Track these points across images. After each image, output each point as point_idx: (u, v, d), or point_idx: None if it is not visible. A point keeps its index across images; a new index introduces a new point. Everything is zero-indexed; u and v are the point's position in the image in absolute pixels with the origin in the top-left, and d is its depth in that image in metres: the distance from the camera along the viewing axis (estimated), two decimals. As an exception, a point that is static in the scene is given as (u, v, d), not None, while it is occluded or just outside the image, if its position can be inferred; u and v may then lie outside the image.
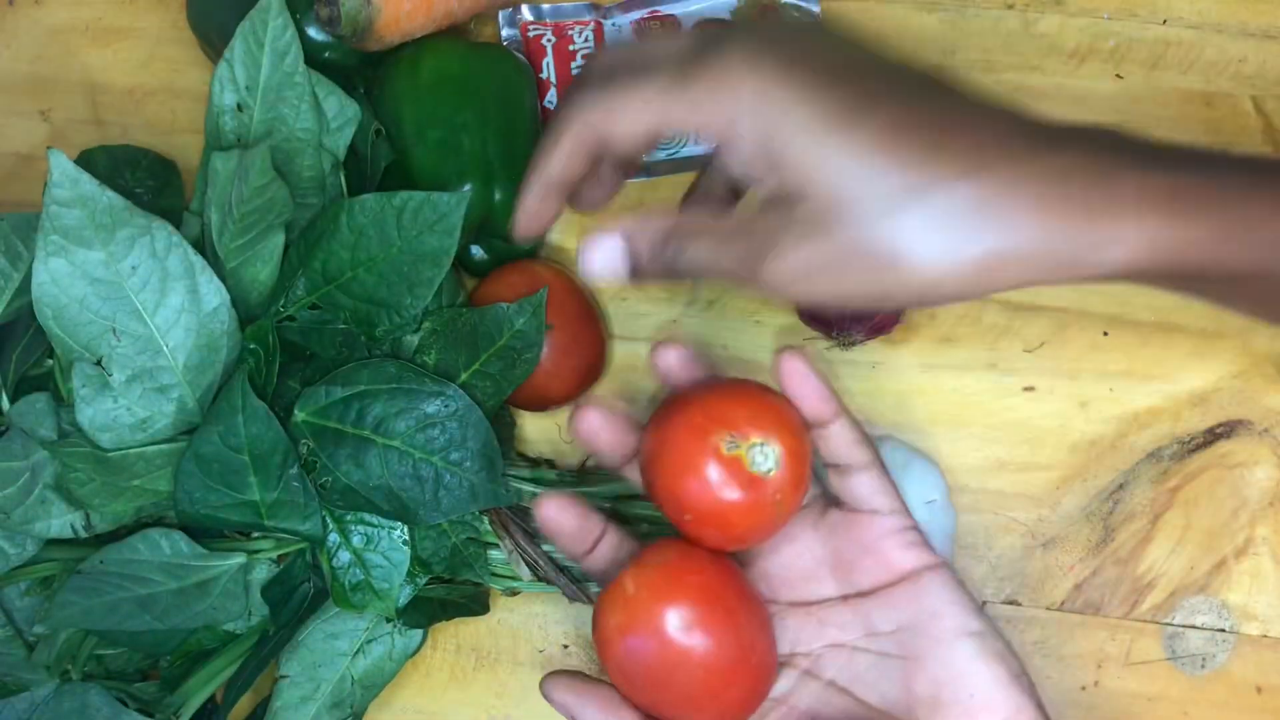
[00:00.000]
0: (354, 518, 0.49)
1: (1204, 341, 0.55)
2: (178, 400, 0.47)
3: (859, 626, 0.43)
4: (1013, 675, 0.40)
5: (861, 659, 0.42)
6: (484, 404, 0.49)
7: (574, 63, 0.57)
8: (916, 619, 0.42)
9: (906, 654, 0.42)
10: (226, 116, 0.49)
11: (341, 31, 0.51)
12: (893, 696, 0.42)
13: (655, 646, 0.40)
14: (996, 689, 0.40)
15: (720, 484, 0.39)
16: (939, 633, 0.41)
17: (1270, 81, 0.57)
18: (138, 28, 0.61)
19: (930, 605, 0.41)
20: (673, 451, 0.40)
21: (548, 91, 0.57)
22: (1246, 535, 0.53)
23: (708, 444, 0.39)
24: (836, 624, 0.43)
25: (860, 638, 0.43)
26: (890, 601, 0.42)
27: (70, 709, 0.49)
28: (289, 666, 0.51)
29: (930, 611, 0.41)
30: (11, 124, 0.61)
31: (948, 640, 0.41)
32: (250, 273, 0.49)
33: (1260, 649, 0.53)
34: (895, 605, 0.42)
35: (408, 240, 0.48)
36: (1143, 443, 0.54)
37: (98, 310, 0.45)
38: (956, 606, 0.41)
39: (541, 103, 0.57)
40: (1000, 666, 0.40)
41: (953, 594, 0.42)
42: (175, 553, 0.48)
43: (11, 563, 0.48)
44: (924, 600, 0.42)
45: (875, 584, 0.43)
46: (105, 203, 0.45)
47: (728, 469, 0.39)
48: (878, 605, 0.42)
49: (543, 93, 0.57)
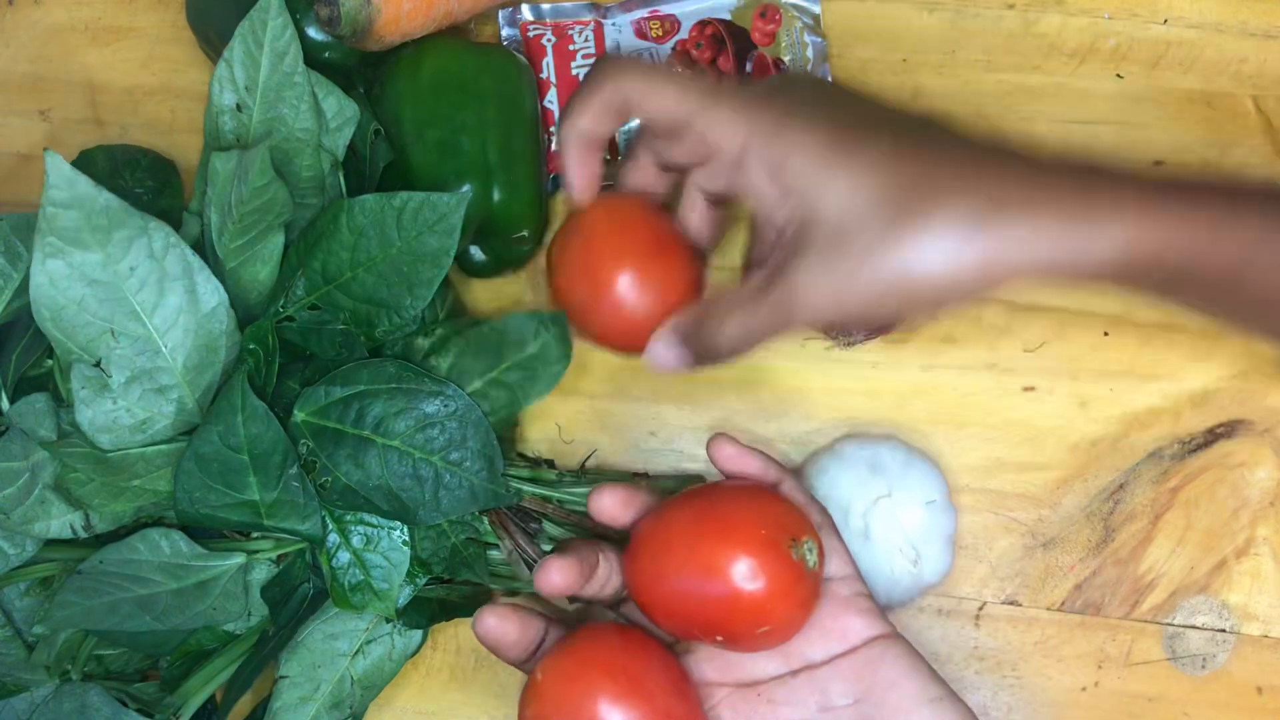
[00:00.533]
0: (354, 518, 0.49)
1: (1204, 341, 0.54)
2: (177, 401, 0.47)
3: (813, 702, 0.43)
4: None
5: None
6: (496, 412, 0.49)
7: (574, 62, 0.57)
8: (873, 689, 0.42)
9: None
10: (226, 117, 0.49)
11: (341, 31, 0.50)
12: None
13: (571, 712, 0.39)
14: None
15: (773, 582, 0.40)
16: (897, 702, 0.41)
17: (1270, 81, 0.57)
18: (137, 28, 0.61)
19: (887, 675, 0.42)
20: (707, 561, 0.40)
21: (548, 91, 0.57)
22: (1247, 535, 0.53)
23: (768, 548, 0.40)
24: (788, 701, 0.43)
25: (814, 713, 0.42)
26: (844, 673, 0.42)
27: (70, 709, 0.49)
28: (289, 667, 0.51)
29: (887, 681, 0.42)
30: (11, 124, 0.61)
31: (906, 709, 0.41)
32: (250, 273, 0.49)
33: (1261, 649, 0.53)
34: (850, 677, 0.42)
35: (408, 241, 0.48)
36: (1143, 443, 0.54)
37: (96, 311, 0.45)
38: (914, 674, 0.42)
39: (541, 103, 0.57)
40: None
41: (909, 661, 0.42)
42: (175, 553, 0.48)
43: (11, 563, 0.48)
44: (880, 670, 0.42)
45: (828, 655, 0.43)
46: (102, 204, 0.45)
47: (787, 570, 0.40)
48: (833, 677, 0.42)
49: (543, 93, 0.57)
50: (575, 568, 0.42)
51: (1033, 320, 0.55)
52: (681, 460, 0.56)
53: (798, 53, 0.57)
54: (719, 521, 0.41)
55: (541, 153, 0.56)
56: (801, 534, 0.41)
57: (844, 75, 0.58)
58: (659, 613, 0.42)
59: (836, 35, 0.58)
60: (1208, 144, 0.56)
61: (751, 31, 0.57)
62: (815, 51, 0.57)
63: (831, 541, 0.44)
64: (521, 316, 0.49)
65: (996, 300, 0.55)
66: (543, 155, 0.57)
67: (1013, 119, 0.57)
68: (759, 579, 0.39)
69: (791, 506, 0.42)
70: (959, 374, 0.55)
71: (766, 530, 0.40)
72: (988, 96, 0.57)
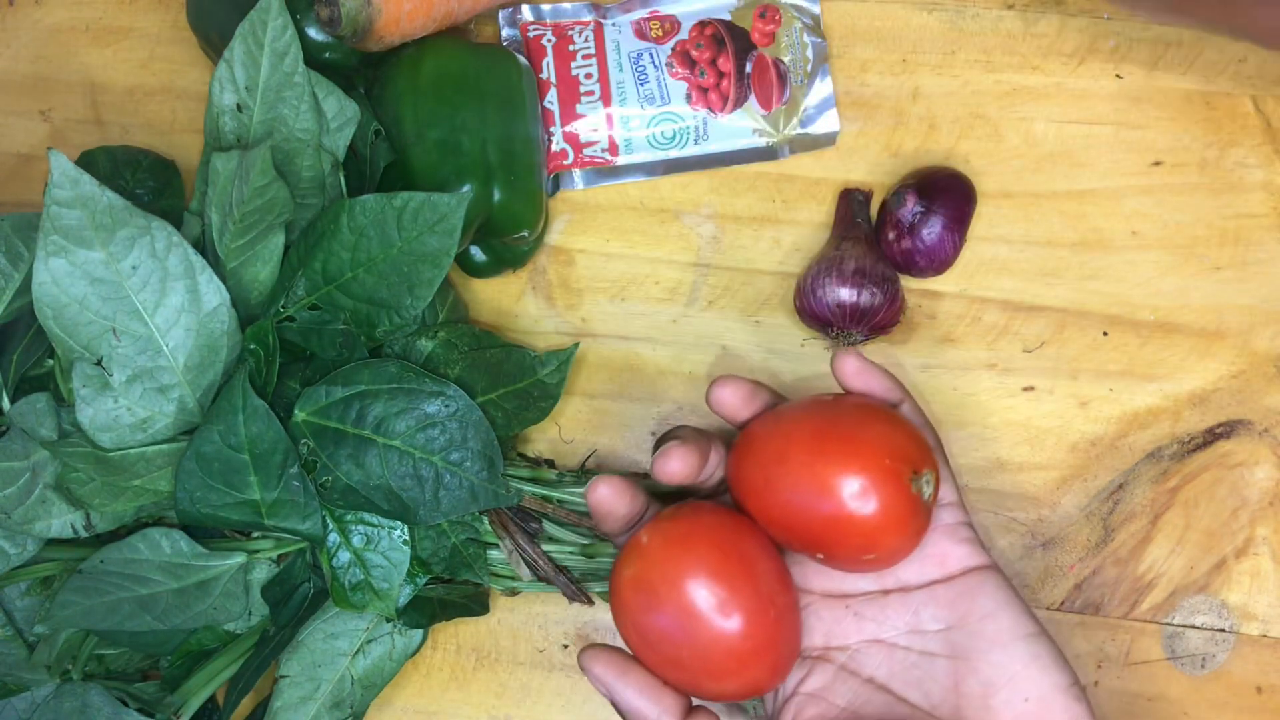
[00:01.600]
0: (354, 517, 0.49)
1: (1204, 341, 0.55)
2: (178, 400, 0.47)
3: (902, 623, 0.42)
4: (1069, 683, 0.39)
5: (903, 656, 0.41)
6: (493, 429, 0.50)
7: (574, 63, 0.57)
8: (967, 618, 0.41)
9: (955, 654, 0.41)
10: (226, 117, 0.49)
11: (342, 32, 0.51)
12: (937, 696, 0.41)
13: (669, 600, 0.39)
14: (1054, 694, 0.39)
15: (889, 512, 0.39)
16: (993, 634, 0.40)
17: (1270, 81, 0.57)
18: (138, 28, 0.61)
19: (983, 606, 0.41)
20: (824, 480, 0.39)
21: (548, 91, 0.57)
22: (1246, 535, 0.53)
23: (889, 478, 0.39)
24: (875, 619, 0.42)
25: (902, 634, 0.42)
26: (939, 599, 0.41)
27: (70, 709, 0.49)
28: (289, 666, 0.51)
29: (983, 612, 0.40)
30: (11, 124, 0.61)
31: (1002, 642, 0.40)
32: (250, 273, 0.49)
33: (1260, 649, 0.53)
34: (944, 604, 0.41)
35: (408, 241, 0.48)
36: (1143, 443, 0.54)
37: (98, 310, 0.45)
38: (1010, 607, 0.40)
39: (541, 103, 0.57)
40: (1057, 673, 0.39)
41: (1006, 594, 0.41)
42: (175, 552, 0.48)
43: (12, 563, 0.48)
44: (977, 600, 0.41)
45: (924, 580, 0.42)
46: (105, 203, 0.45)
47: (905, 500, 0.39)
48: (926, 602, 0.41)
49: (543, 93, 0.57)
50: (695, 456, 0.42)
51: (1032, 320, 0.55)
52: (681, 460, 0.56)
53: (797, 53, 0.57)
54: (842, 441, 0.40)
55: (541, 153, 0.56)
56: (923, 466, 0.40)
57: (844, 75, 0.58)
58: (762, 517, 0.41)
59: (836, 35, 0.58)
60: (1207, 144, 0.56)
61: (751, 31, 0.57)
62: (815, 52, 0.57)
63: (941, 469, 0.43)
64: (525, 352, 0.52)
65: (996, 300, 0.56)
66: (543, 155, 0.57)
67: (1012, 119, 0.57)
68: (875, 507, 0.39)
69: (915, 434, 0.41)
70: (958, 374, 0.55)
71: (890, 459, 0.39)
72: (987, 96, 0.57)
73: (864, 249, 0.53)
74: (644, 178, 0.58)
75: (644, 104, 0.56)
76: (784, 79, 0.57)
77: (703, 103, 0.57)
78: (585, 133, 0.57)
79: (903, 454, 0.39)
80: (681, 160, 0.57)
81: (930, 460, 0.40)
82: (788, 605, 0.41)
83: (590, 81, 0.57)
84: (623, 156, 0.57)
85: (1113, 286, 0.55)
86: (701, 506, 0.42)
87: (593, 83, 0.57)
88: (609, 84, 0.57)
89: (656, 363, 0.57)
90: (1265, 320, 0.54)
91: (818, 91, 0.57)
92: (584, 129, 0.57)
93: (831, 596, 0.43)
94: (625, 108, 0.57)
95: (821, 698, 0.42)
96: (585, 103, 0.57)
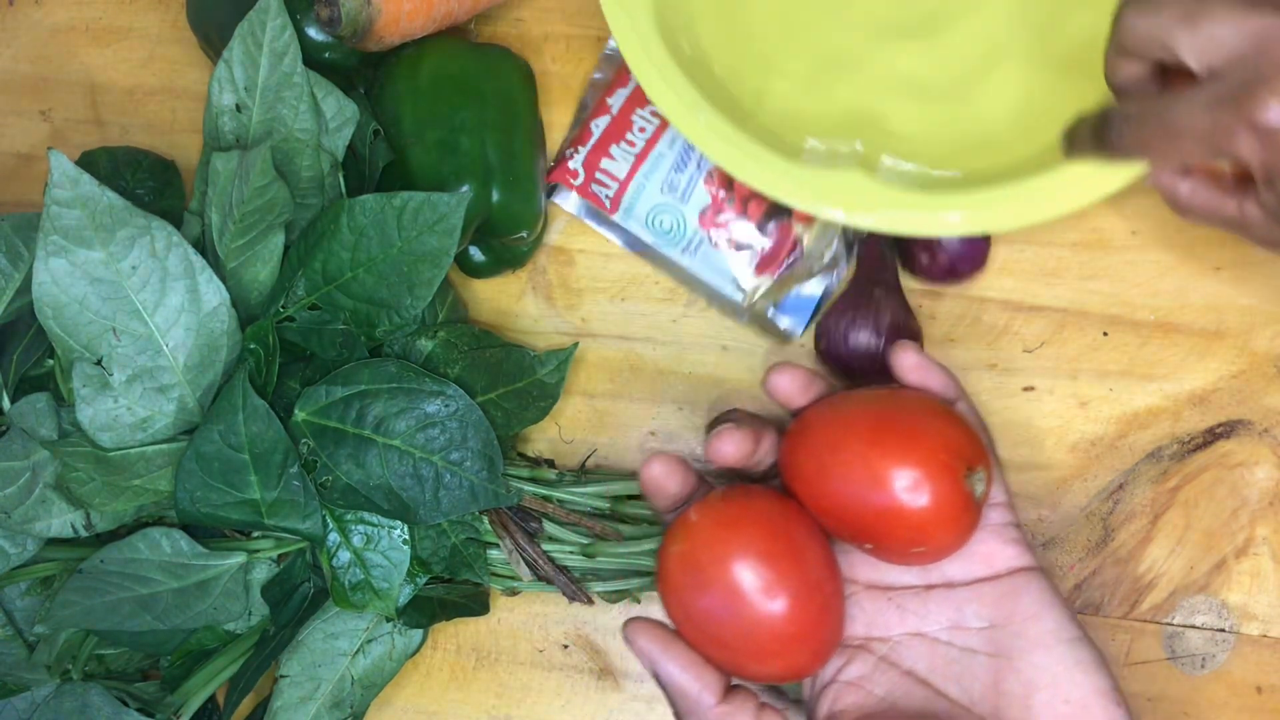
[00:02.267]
0: (354, 517, 0.49)
1: (1204, 341, 0.55)
2: (178, 400, 0.47)
3: (945, 618, 0.42)
4: (1110, 687, 0.40)
5: (943, 651, 0.42)
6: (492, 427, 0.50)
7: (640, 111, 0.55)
8: (1011, 618, 0.41)
9: (997, 652, 0.41)
10: (225, 117, 0.49)
11: (342, 32, 0.51)
12: (977, 693, 0.41)
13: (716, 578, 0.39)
14: (1094, 698, 0.39)
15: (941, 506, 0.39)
16: (1036, 635, 0.40)
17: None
18: (138, 28, 0.61)
19: (1028, 607, 0.41)
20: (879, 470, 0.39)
21: (603, 115, 0.56)
22: (1246, 535, 0.53)
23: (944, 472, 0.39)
24: (917, 612, 0.42)
25: (944, 630, 0.42)
26: (983, 597, 0.41)
27: (71, 709, 0.49)
28: (289, 666, 0.51)
29: (1028, 613, 0.41)
30: (11, 124, 0.61)
31: (1046, 644, 0.40)
32: (250, 273, 0.49)
33: (1260, 649, 0.53)
34: (988, 602, 0.41)
35: (408, 241, 0.48)
36: (1143, 443, 0.54)
37: (98, 310, 0.45)
38: (1055, 610, 0.41)
39: (591, 122, 0.56)
40: (1099, 677, 0.40)
41: (1052, 597, 0.41)
42: (175, 552, 0.48)
43: (12, 563, 0.48)
44: (1021, 600, 0.41)
45: (969, 577, 0.42)
46: (105, 203, 0.45)
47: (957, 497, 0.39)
48: (970, 599, 0.41)
49: (598, 113, 0.56)
50: (748, 439, 0.42)
51: (1032, 320, 0.55)
52: (681, 460, 0.56)
53: (821, 247, 0.54)
54: (898, 433, 0.40)
55: (541, 153, 0.56)
56: (977, 463, 0.40)
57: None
58: (812, 505, 0.42)
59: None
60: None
61: None
62: (834, 257, 0.55)
63: (993, 469, 0.43)
64: (524, 351, 0.52)
65: (996, 300, 0.55)
66: (542, 156, 0.57)
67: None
68: (928, 501, 0.39)
69: (971, 432, 0.41)
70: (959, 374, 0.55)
71: (946, 455, 0.39)
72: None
73: (897, 300, 0.53)
74: (623, 246, 0.57)
75: (665, 188, 0.54)
76: (792, 259, 0.54)
77: (710, 225, 0.54)
78: (604, 172, 0.55)
79: (958, 450, 0.40)
80: (660, 256, 0.56)
81: (985, 458, 0.41)
82: (833, 591, 0.41)
83: (639, 135, 0.55)
84: (618, 215, 0.55)
85: (1113, 286, 0.55)
86: (752, 489, 0.42)
87: (641, 138, 0.55)
88: (651, 149, 0.55)
89: (656, 363, 0.57)
90: (1265, 320, 0.54)
91: (809, 289, 0.54)
92: (606, 168, 0.55)
93: (875, 588, 0.43)
94: (648, 178, 0.55)
95: (860, 686, 0.42)
96: (622, 148, 0.55)
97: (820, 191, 0.47)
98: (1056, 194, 0.46)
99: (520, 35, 0.59)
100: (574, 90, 0.58)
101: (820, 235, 0.54)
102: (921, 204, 0.47)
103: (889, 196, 0.47)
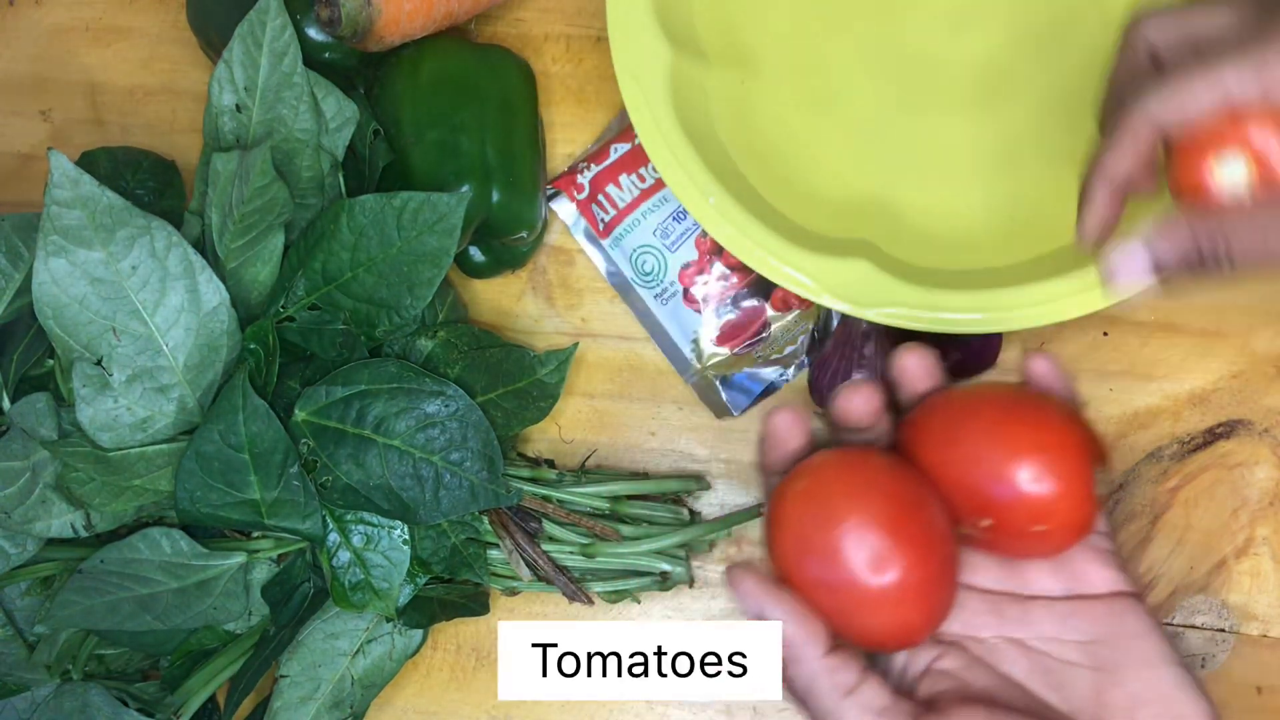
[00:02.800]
0: (354, 517, 0.49)
1: (1204, 341, 0.55)
2: (178, 400, 0.47)
3: (1045, 629, 0.42)
4: (1214, 715, 0.40)
5: (1040, 660, 0.42)
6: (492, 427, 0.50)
7: None
8: (1117, 636, 0.41)
9: (1100, 666, 0.41)
10: (225, 117, 0.49)
11: (342, 32, 0.51)
12: (1077, 703, 0.41)
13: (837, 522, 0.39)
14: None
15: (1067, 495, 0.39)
16: (1141, 654, 0.40)
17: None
18: (138, 28, 0.61)
19: (1133, 626, 0.41)
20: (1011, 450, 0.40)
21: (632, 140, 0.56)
22: (1246, 535, 0.53)
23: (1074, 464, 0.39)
24: (1016, 619, 0.42)
25: (1042, 640, 0.42)
26: (1084, 613, 0.42)
27: (71, 709, 0.49)
28: (289, 666, 0.51)
29: (1133, 632, 0.41)
30: (11, 124, 0.61)
31: (1152, 663, 0.40)
32: (250, 273, 0.49)
33: (1260, 649, 0.53)
34: (1090, 618, 0.41)
35: (408, 241, 0.48)
36: (1143, 443, 0.54)
37: (98, 310, 0.45)
38: (1158, 634, 0.41)
39: (616, 144, 0.56)
40: (1204, 702, 0.40)
41: (1154, 622, 0.41)
42: (175, 552, 0.48)
43: (12, 563, 0.48)
44: (1126, 620, 0.41)
45: (1068, 593, 0.42)
46: (105, 203, 0.45)
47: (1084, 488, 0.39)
48: (1071, 613, 0.42)
49: (627, 137, 0.56)
50: (878, 398, 0.41)
51: (1032, 320, 0.55)
52: (681, 460, 0.56)
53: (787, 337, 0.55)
54: (1033, 421, 0.40)
55: (541, 153, 0.56)
56: (1101, 463, 0.41)
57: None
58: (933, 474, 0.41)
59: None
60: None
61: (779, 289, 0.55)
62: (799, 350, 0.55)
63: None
64: (524, 352, 0.52)
65: (996, 300, 0.55)
66: (542, 156, 0.57)
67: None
68: (1056, 486, 0.39)
69: (1099, 437, 0.41)
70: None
71: (1079, 444, 0.40)
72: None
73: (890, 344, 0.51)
74: (603, 276, 0.57)
75: (658, 232, 0.54)
76: (756, 339, 0.54)
77: (689, 282, 0.54)
78: (607, 196, 0.55)
79: (1091, 445, 0.40)
80: (633, 293, 0.56)
81: (1105, 462, 0.41)
82: (949, 556, 0.41)
83: (651, 173, 0.55)
84: (607, 242, 0.56)
85: (1113, 286, 0.55)
86: (872, 448, 0.42)
87: (652, 176, 0.55)
88: (658, 190, 0.55)
89: (656, 363, 0.57)
90: (1265, 320, 0.54)
91: (763, 374, 0.55)
92: (611, 193, 0.55)
93: (974, 590, 0.43)
94: (646, 217, 0.55)
95: (956, 677, 0.42)
96: (631, 180, 0.55)
97: (830, 284, 0.47)
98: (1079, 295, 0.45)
99: (520, 35, 0.59)
100: (574, 90, 0.59)
101: (790, 328, 0.54)
102: (933, 302, 0.46)
103: (900, 292, 0.46)
